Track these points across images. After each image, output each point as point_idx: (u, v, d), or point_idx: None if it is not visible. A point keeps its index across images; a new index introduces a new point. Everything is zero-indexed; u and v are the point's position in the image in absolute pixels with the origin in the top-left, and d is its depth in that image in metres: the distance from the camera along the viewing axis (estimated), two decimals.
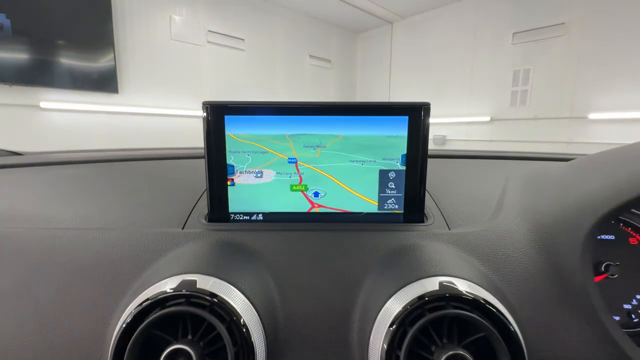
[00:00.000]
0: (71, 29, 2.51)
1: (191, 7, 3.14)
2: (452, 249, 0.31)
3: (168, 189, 0.41)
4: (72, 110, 2.63)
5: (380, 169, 0.34)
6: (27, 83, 2.42)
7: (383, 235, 0.33)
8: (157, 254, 0.31)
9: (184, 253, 0.30)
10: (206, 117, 0.33)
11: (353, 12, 3.79)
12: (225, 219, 0.35)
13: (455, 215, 0.36)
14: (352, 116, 0.34)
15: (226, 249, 0.31)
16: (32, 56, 2.41)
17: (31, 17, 2.38)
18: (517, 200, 0.37)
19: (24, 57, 2.39)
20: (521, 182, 0.42)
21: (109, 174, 0.45)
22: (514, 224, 0.34)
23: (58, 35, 2.47)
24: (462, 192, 0.41)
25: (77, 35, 2.53)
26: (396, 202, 0.35)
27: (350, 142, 0.34)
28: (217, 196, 0.35)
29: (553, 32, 2.98)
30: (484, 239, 0.32)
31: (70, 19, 2.49)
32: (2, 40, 2.32)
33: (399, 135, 0.34)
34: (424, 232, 0.33)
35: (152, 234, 0.32)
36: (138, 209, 0.36)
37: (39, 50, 2.43)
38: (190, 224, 0.34)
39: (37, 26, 2.40)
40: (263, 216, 0.35)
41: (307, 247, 0.32)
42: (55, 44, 2.48)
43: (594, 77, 2.79)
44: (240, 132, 0.34)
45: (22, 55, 2.38)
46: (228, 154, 0.34)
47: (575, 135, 2.96)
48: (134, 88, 2.88)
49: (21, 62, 2.38)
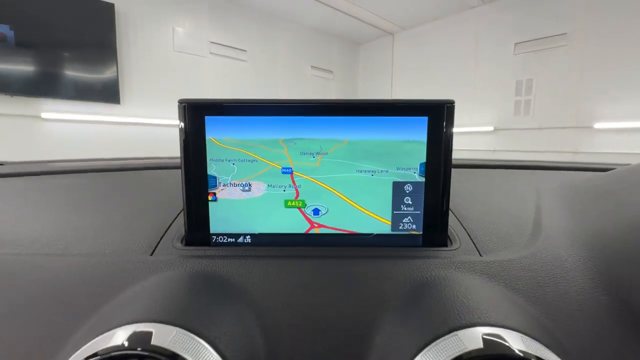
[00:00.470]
0: (74, 40, 2.51)
1: (194, 19, 3.17)
2: (489, 284, 0.25)
3: (141, 205, 0.34)
4: (73, 120, 2.62)
5: (394, 180, 0.28)
6: (28, 94, 2.41)
7: (399, 263, 0.27)
8: (116, 289, 0.24)
9: (147, 289, 0.23)
10: (183, 118, 0.27)
11: (354, 24, 3.81)
12: (205, 241, 0.29)
13: (485, 238, 0.30)
14: (359, 117, 0.28)
15: (201, 282, 0.24)
16: (35, 67, 2.41)
17: (34, 29, 2.38)
18: (559, 219, 0.31)
19: (27, 68, 2.39)
20: (558, 196, 0.36)
21: (72, 187, 0.39)
22: (562, 249, 0.27)
23: (61, 46, 2.48)
24: (489, 209, 0.34)
25: (80, 47, 2.53)
26: (413, 222, 0.29)
27: (358, 148, 0.28)
28: (196, 214, 0.29)
29: (555, 42, 2.96)
30: (526, 269, 0.26)
31: (74, 30, 2.50)
32: (6, 51, 2.32)
33: (416, 140, 0.28)
34: (450, 260, 0.27)
35: (111, 262, 0.26)
36: (102, 229, 0.30)
37: (41, 61, 2.43)
38: (161, 248, 0.28)
39: (40, 37, 2.41)
40: (252, 238, 0.29)
41: (305, 279, 0.25)
42: (58, 55, 2.48)
43: (598, 87, 2.76)
44: (224, 137, 0.28)
45: (24, 67, 2.38)
46: (209, 162, 0.28)
47: (581, 145, 2.91)
48: (136, 98, 2.87)
49: (23, 73, 2.38)
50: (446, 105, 0.27)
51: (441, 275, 0.25)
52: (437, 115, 0.27)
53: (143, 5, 2.84)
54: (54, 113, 2.53)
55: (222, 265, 0.26)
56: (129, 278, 0.25)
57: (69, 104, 2.58)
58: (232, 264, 0.26)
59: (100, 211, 0.33)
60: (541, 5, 3.00)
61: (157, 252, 0.28)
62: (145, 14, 2.86)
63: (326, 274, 0.26)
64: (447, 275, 0.25)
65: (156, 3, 2.91)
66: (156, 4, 2.91)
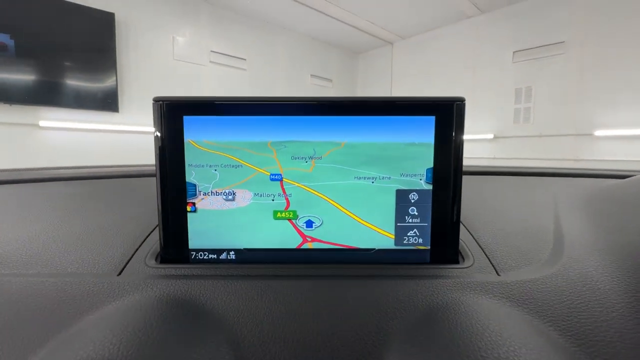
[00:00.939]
0: (74, 50, 2.52)
1: (194, 29, 3.18)
2: (511, 310, 0.21)
3: (113, 218, 0.31)
4: (71, 128, 2.60)
5: (398, 188, 0.25)
6: (27, 102, 2.40)
7: (404, 284, 0.23)
8: (71, 317, 0.21)
9: (106, 318, 0.20)
10: (158, 118, 0.24)
11: (354, 33, 3.84)
12: (182, 259, 0.25)
13: (502, 254, 0.26)
14: (358, 117, 0.24)
15: (172, 310, 0.20)
16: (34, 76, 2.40)
17: (35, 38, 2.39)
18: (582, 231, 0.28)
19: (26, 78, 2.38)
20: (578, 205, 0.32)
21: (36, 196, 0.36)
22: (591, 267, 0.24)
23: (61, 55, 2.48)
24: (503, 220, 0.31)
25: (80, 56, 2.53)
26: (420, 235, 0.25)
27: (356, 151, 0.25)
28: (172, 227, 0.25)
29: (553, 51, 2.97)
30: (552, 291, 0.22)
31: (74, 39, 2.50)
32: (5, 60, 2.32)
33: (423, 142, 0.24)
34: (463, 280, 0.23)
35: (70, 284, 0.22)
36: (65, 245, 0.27)
37: (40, 70, 2.43)
38: (132, 267, 0.24)
39: (40, 47, 2.41)
40: (236, 255, 0.26)
41: (295, 304, 0.22)
42: (57, 64, 2.48)
43: (597, 94, 2.75)
44: (205, 139, 0.25)
45: (24, 76, 2.37)
46: (188, 168, 0.25)
47: (582, 153, 2.88)
48: (136, 107, 2.86)
49: (23, 82, 2.37)
50: (456, 104, 0.24)
51: (454, 299, 0.22)
52: (446, 115, 0.24)
53: (143, 14, 2.85)
54: (52, 121, 2.52)
55: (200, 287, 0.23)
56: (88, 304, 0.21)
57: (67, 112, 2.56)
58: (211, 285, 0.23)
59: (64, 224, 0.30)
60: (539, 14, 3.02)
61: (126, 271, 0.24)
62: (145, 23, 2.87)
63: (320, 298, 0.22)
64: (461, 299, 0.22)
65: (157, 12, 2.93)
66: (157, 13, 2.93)
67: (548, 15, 2.98)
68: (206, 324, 0.20)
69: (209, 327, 0.20)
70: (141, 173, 0.42)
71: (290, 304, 0.22)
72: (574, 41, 2.84)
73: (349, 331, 0.20)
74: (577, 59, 2.84)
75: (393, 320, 0.21)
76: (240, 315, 0.21)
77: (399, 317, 0.21)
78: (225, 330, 0.20)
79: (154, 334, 0.18)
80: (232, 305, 0.21)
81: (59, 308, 0.21)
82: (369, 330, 0.20)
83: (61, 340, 0.19)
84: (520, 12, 3.14)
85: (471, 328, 0.18)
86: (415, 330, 0.20)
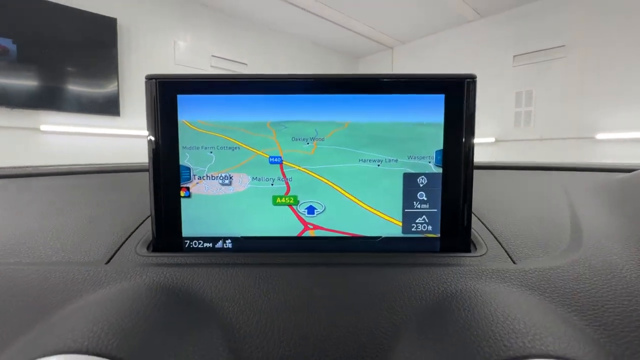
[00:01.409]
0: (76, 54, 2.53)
1: (196, 34, 3.21)
2: (532, 298, 0.19)
3: (106, 208, 0.29)
4: (72, 132, 2.60)
5: (405, 171, 0.23)
6: (28, 106, 2.40)
7: (413, 272, 0.21)
8: (54, 305, 0.19)
9: (90, 307, 0.18)
10: (151, 96, 0.23)
11: (354, 38, 3.86)
12: (176, 247, 0.24)
13: (517, 242, 0.24)
14: (363, 94, 0.23)
15: (162, 298, 0.19)
16: (36, 81, 2.41)
17: (37, 43, 2.40)
18: (600, 220, 0.26)
19: (28, 82, 2.39)
20: (592, 195, 0.31)
21: (26, 189, 0.34)
22: (615, 255, 0.22)
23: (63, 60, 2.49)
24: (516, 209, 0.29)
25: (81, 60, 2.54)
26: (429, 222, 0.24)
27: (361, 132, 0.23)
28: (165, 213, 0.24)
29: (553, 55, 2.98)
30: (575, 280, 0.20)
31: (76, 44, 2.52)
32: (8, 65, 2.33)
33: (432, 122, 0.23)
34: (477, 268, 0.21)
35: (54, 271, 0.21)
36: (54, 234, 0.25)
37: (42, 75, 2.43)
38: (121, 255, 0.23)
39: (42, 51, 2.42)
40: (232, 243, 0.24)
41: (296, 294, 0.20)
42: (59, 68, 2.49)
43: (598, 98, 2.75)
44: (200, 119, 0.23)
45: (26, 80, 2.38)
46: (182, 150, 0.23)
47: (584, 156, 2.87)
48: (137, 110, 2.86)
49: (25, 87, 2.38)
50: (467, 80, 0.23)
51: (469, 287, 0.20)
52: (457, 93, 0.23)
53: (145, 19, 2.87)
54: (53, 125, 2.52)
55: (194, 275, 0.21)
56: (71, 292, 0.19)
57: (68, 117, 2.57)
58: (205, 273, 0.21)
59: (53, 215, 0.28)
60: (538, 18, 3.04)
61: (115, 259, 0.22)
62: (147, 27, 2.89)
63: (322, 287, 0.20)
64: (476, 287, 0.20)
65: (158, 17, 2.95)
66: (158, 18, 2.95)
67: (547, 19, 2.99)
68: (199, 313, 0.18)
69: (202, 316, 0.18)
70: (136, 168, 0.41)
71: (290, 293, 0.20)
72: (573, 45, 2.85)
73: (353, 321, 0.19)
74: (577, 62, 2.84)
75: (402, 309, 0.19)
76: (236, 304, 0.19)
77: (408, 306, 0.19)
78: (220, 319, 0.18)
79: (140, 322, 0.16)
80: (228, 294, 0.20)
81: (40, 297, 0.19)
82: (376, 321, 0.19)
83: (39, 330, 0.17)
84: (519, 16, 3.16)
85: (490, 316, 0.17)
86: (427, 320, 0.18)
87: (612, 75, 2.66)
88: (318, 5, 3.13)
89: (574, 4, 2.82)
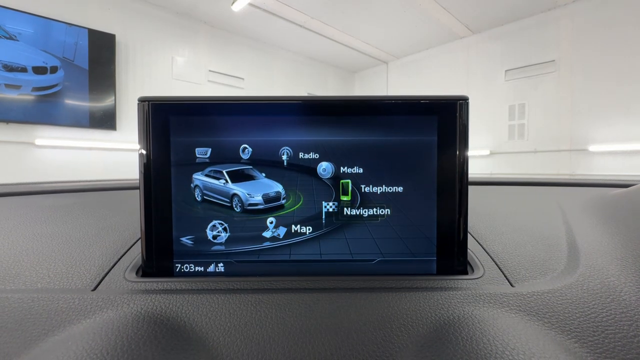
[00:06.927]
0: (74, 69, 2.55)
1: (193, 49, 3.26)
2: (531, 325, 0.19)
3: (94, 230, 0.29)
4: (67, 147, 2.59)
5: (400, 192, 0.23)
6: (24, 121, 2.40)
7: (410, 297, 0.21)
8: (35, 336, 0.18)
9: (74, 339, 0.17)
10: (143, 119, 0.23)
11: (349, 53, 3.95)
12: (166, 271, 0.23)
13: (514, 263, 0.24)
14: (356, 116, 0.23)
15: (149, 331, 0.18)
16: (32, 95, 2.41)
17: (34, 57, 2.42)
18: (596, 238, 0.26)
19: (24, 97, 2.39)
20: (587, 213, 0.31)
21: (10, 209, 0.33)
22: (613, 276, 0.22)
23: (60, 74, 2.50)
24: (512, 228, 0.29)
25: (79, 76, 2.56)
26: (424, 243, 0.23)
27: (355, 154, 0.23)
28: (156, 236, 0.23)
29: (544, 69, 3.06)
30: (573, 303, 0.20)
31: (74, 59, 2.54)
32: None
33: (424, 144, 0.23)
34: (475, 292, 0.21)
35: (38, 299, 0.20)
36: (39, 258, 0.24)
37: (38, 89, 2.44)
38: (109, 281, 0.22)
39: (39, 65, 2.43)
40: (225, 267, 0.23)
41: (290, 322, 0.19)
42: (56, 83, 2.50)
43: (589, 110, 2.81)
44: (195, 145, 0.23)
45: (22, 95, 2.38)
46: None
47: (578, 168, 2.90)
48: (133, 124, 2.86)
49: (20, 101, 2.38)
50: (459, 103, 0.23)
51: (466, 313, 0.19)
52: (450, 114, 0.23)
53: (144, 35, 2.92)
54: (47, 139, 2.51)
55: (184, 302, 0.20)
56: (54, 322, 0.19)
57: (63, 131, 2.56)
58: (196, 300, 0.20)
59: (38, 237, 0.27)
60: (528, 34, 3.13)
61: (102, 286, 0.22)
62: (145, 43, 2.93)
63: (318, 314, 0.20)
64: (474, 313, 0.19)
65: (157, 33, 3.00)
66: (157, 34, 3.00)
67: (537, 35, 3.08)
68: (189, 343, 0.18)
69: (192, 347, 0.17)
70: (128, 186, 0.40)
71: (284, 320, 0.19)
72: (563, 59, 2.93)
73: (349, 350, 0.18)
74: (568, 76, 2.92)
75: (399, 336, 0.18)
76: (227, 333, 0.19)
77: (405, 334, 0.19)
78: (209, 350, 0.18)
79: (125, 356, 0.15)
80: (218, 322, 0.19)
81: (21, 327, 0.18)
82: (373, 349, 0.18)
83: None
84: (510, 32, 3.26)
85: (488, 345, 0.16)
86: (425, 349, 0.18)
87: (602, 88, 2.73)
88: (315, 22, 3.21)
89: (562, 20, 2.92)
